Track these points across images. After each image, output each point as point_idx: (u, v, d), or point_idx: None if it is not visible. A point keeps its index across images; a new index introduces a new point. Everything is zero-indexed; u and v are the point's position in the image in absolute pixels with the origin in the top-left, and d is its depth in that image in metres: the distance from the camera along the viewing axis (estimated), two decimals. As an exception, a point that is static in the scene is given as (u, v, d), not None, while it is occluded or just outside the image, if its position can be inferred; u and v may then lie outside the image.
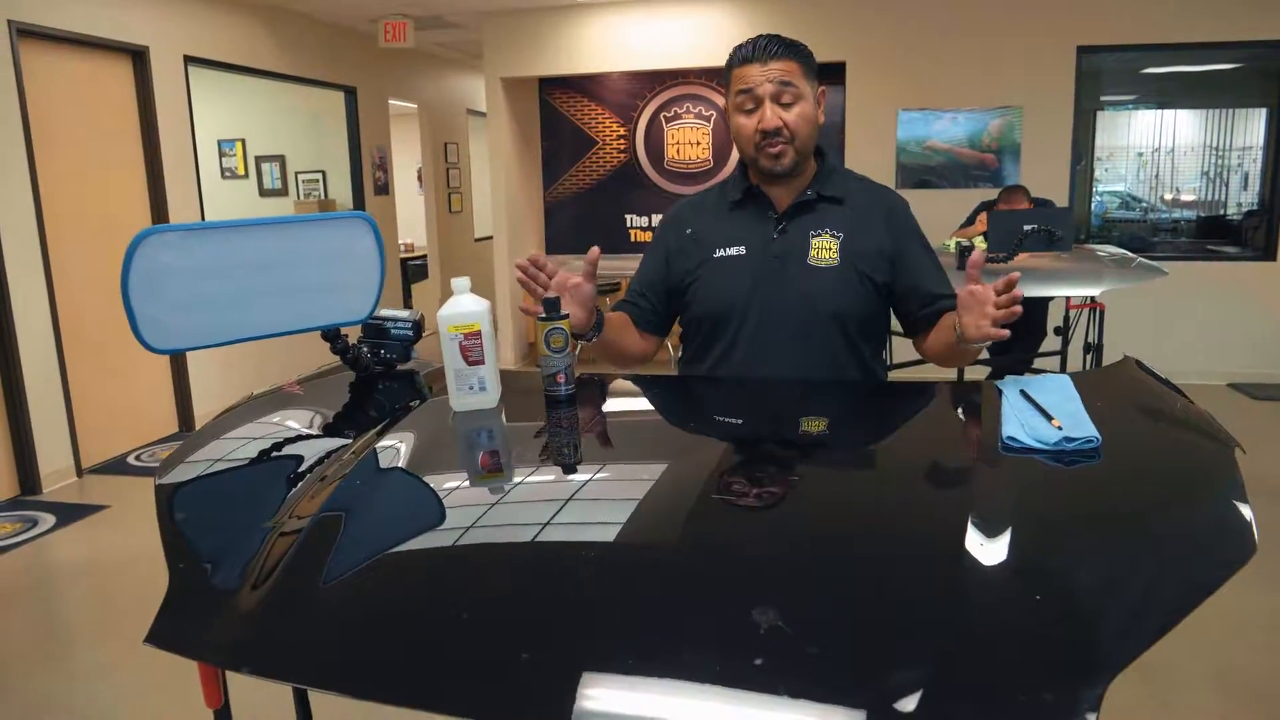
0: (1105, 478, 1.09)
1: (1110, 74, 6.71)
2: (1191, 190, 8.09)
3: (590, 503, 1.08)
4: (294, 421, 1.38)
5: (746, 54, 1.63)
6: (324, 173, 7.44)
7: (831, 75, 6.31)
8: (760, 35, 1.64)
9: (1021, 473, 1.09)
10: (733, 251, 1.68)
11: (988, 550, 0.90)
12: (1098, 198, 7.37)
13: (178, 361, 5.34)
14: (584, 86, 7.29)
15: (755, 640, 0.77)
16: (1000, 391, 1.35)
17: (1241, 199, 7.89)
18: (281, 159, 7.47)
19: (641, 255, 1.83)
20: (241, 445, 1.26)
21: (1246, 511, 0.94)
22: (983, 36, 6.00)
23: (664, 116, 7.23)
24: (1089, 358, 4.12)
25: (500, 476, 1.21)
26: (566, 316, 1.40)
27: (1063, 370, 4.28)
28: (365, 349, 1.56)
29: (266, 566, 0.96)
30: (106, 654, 2.92)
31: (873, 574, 0.91)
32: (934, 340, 1.66)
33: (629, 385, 1.67)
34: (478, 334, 1.33)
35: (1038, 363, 4.67)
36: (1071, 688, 0.75)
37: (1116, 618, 0.83)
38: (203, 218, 5.51)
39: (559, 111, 7.41)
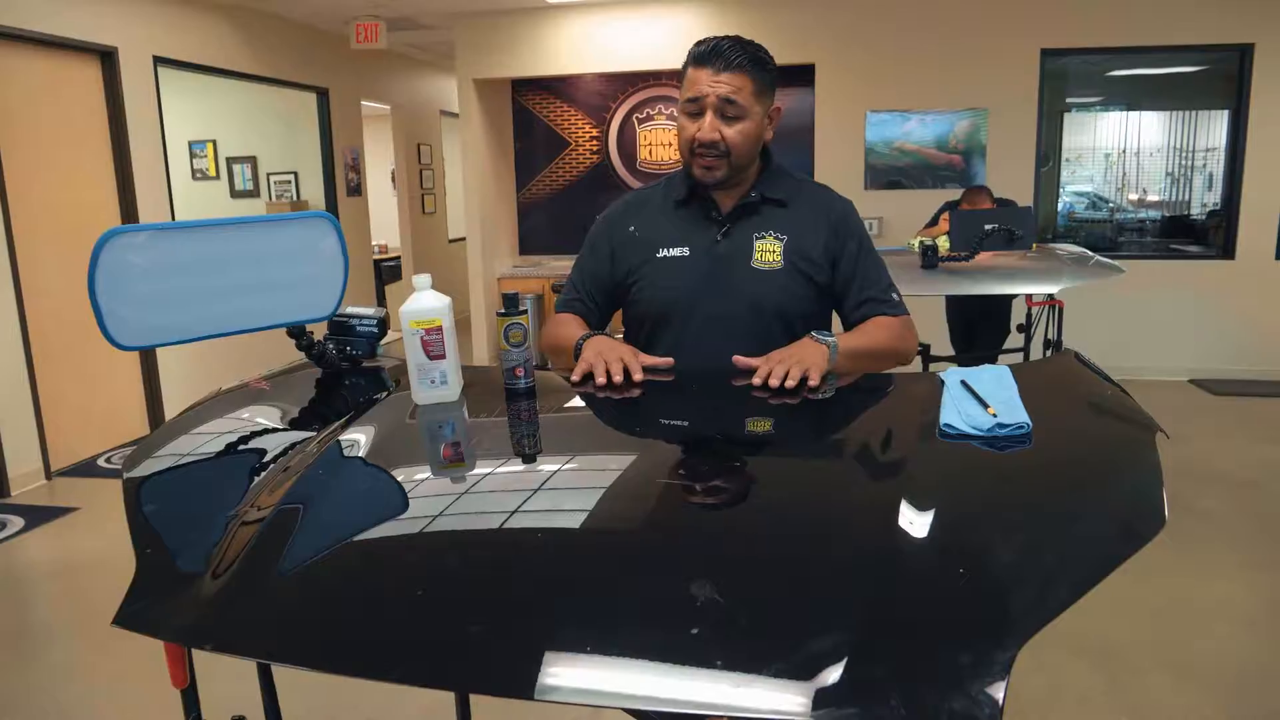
0: (1032, 461, 1.15)
1: (1077, 76, 6.84)
2: (1157, 191, 8.25)
3: (550, 491, 1.13)
4: (260, 416, 1.41)
5: (703, 55, 1.60)
6: (296, 174, 7.43)
7: (801, 77, 6.40)
8: (724, 38, 1.61)
9: (954, 457, 1.15)
10: (676, 252, 1.68)
11: (913, 527, 0.96)
12: (1066, 198, 7.50)
13: (148, 363, 5.33)
14: (556, 88, 7.34)
15: (691, 613, 0.82)
16: (943, 382, 1.41)
17: (1205, 199, 8.06)
18: (253, 160, 7.45)
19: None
20: (207, 439, 1.30)
21: (1159, 490, 1.00)
22: (949, 39, 6.10)
23: (637, 118, 7.29)
24: (1048, 354, 4.21)
25: (461, 466, 1.25)
26: (525, 312, 1.44)
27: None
28: (331, 346, 1.59)
29: (230, 552, 1.00)
30: (77, 655, 2.93)
31: (803, 551, 0.96)
32: None
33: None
34: (439, 329, 1.37)
35: (1001, 359, 4.76)
36: (986, 650, 0.80)
37: (1030, 588, 0.89)
38: (173, 220, 5.50)
39: (532, 113, 7.45)
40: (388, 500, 1.10)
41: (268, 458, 1.21)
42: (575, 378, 1.48)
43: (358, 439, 1.26)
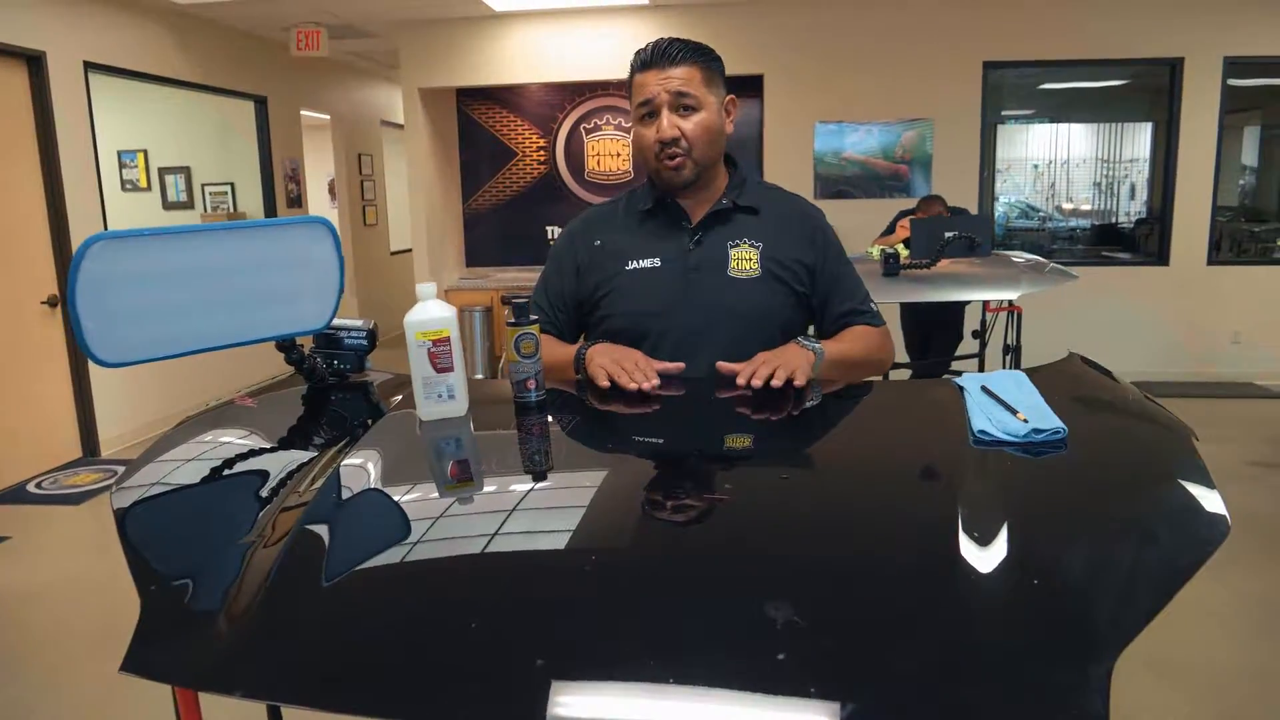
0: (1076, 468, 1.12)
1: (1010, 90, 7.01)
2: (1085, 200, 8.53)
3: (574, 510, 1.06)
4: (252, 436, 1.32)
5: (645, 59, 1.57)
6: (232, 184, 7.19)
7: (750, 88, 6.43)
8: (661, 39, 1.58)
9: (996, 465, 1.12)
10: (646, 264, 1.63)
11: (980, 542, 0.92)
12: (1000, 207, 7.70)
13: (80, 383, 5.07)
14: (503, 98, 7.25)
15: (769, 636, 0.77)
16: (961, 388, 1.39)
17: (1130, 208, 8.35)
18: (187, 170, 7.19)
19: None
20: (200, 463, 1.20)
21: (1215, 494, 0.98)
22: (895, 52, 6.19)
23: (584, 128, 7.24)
24: (1008, 359, 4.28)
25: (472, 486, 1.18)
26: (536, 321, 1.38)
27: (980, 371, 4.42)
28: (319, 360, 1.50)
29: (248, 586, 0.91)
30: (14, 694, 2.74)
31: (870, 568, 0.91)
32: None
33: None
34: (446, 340, 1.30)
35: (956, 364, 4.83)
36: (1080, 668, 0.76)
37: (1110, 598, 0.86)
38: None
39: (477, 123, 7.34)
40: (409, 527, 1.03)
41: (272, 483, 1.12)
42: (604, 384, 1.42)
43: (368, 461, 1.18)
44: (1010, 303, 4.10)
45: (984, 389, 1.38)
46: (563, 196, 7.33)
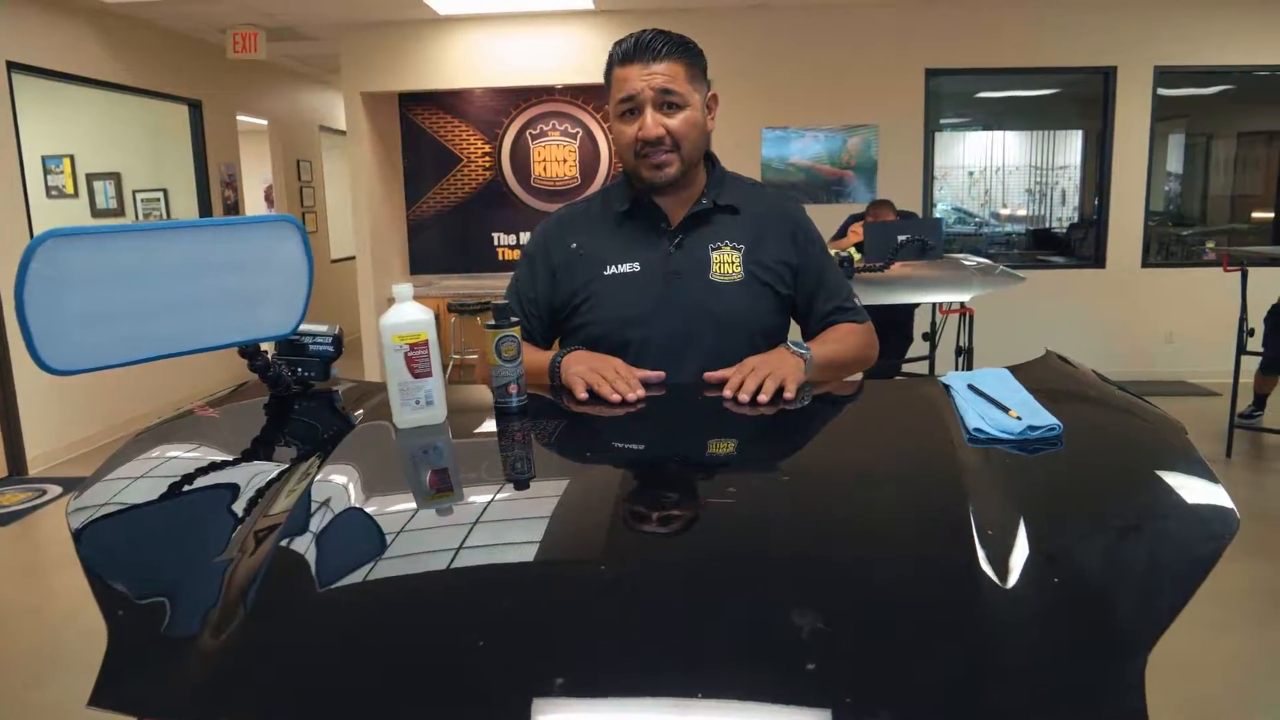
0: (1076, 465, 1.11)
1: (947, 98, 7.16)
2: (1019, 205, 8.75)
3: (570, 520, 1.01)
4: (216, 448, 1.23)
5: (627, 52, 1.49)
6: (165, 191, 6.95)
7: (697, 94, 6.43)
8: (644, 31, 1.51)
9: (998, 463, 1.10)
10: (625, 268, 1.57)
11: (999, 542, 0.89)
12: (937, 213, 7.85)
13: (5, 398, 4.83)
14: (447, 102, 7.14)
15: (801, 644, 0.73)
16: (947, 386, 1.37)
17: (1061, 213, 8.59)
18: (117, 176, 6.93)
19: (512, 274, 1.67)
20: (162, 478, 1.11)
21: (1220, 488, 0.98)
22: (841, 58, 6.26)
23: (530, 134, 7.17)
24: (960, 360, 4.33)
25: (453, 497, 1.12)
26: (518, 323, 1.32)
27: (931, 374, 4.48)
28: (284, 367, 1.42)
29: (228, 608, 0.84)
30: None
31: (891, 572, 0.88)
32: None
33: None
34: (425, 344, 1.23)
35: (907, 367, 4.88)
36: (1115, 666, 0.75)
37: (1134, 597, 0.84)
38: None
39: (421, 128, 7.22)
40: (394, 545, 0.96)
41: (243, 498, 1.05)
42: (581, 395, 1.36)
43: (346, 474, 1.11)
44: (962, 305, 4.15)
45: (971, 387, 1.37)
46: (509, 203, 7.25)
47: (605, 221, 1.63)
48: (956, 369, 4.65)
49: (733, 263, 1.57)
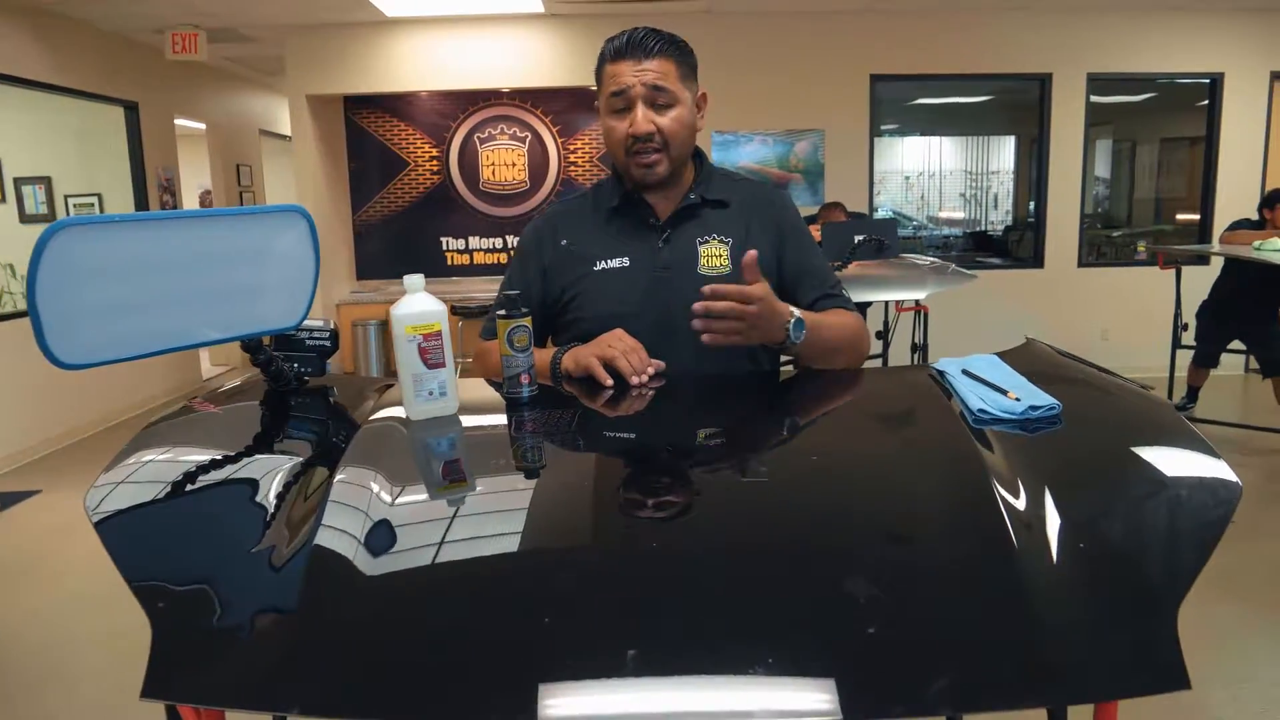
0: (1081, 441, 1.16)
1: (886, 104, 7.33)
2: (954, 209, 8.98)
3: (601, 507, 1.02)
4: (227, 441, 1.21)
5: (619, 49, 1.51)
6: (100, 196, 6.73)
7: (647, 98, 6.47)
8: (636, 29, 1.54)
9: (1008, 442, 1.13)
10: (615, 264, 1.59)
11: (1025, 513, 0.93)
12: (877, 216, 8.03)
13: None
14: (393, 106, 7.06)
15: (859, 610, 0.76)
16: (941, 372, 1.41)
17: (995, 216, 8.85)
18: (47, 181, 6.67)
19: (486, 276, 1.69)
20: (180, 472, 1.09)
21: (1219, 459, 1.03)
22: (788, 64, 6.37)
23: (478, 137, 7.13)
24: (915, 357, 4.43)
25: (463, 487, 1.12)
26: (529, 314, 1.32)
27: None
28: (282, 361, 1.40)
29: (270, 596, 0.83)
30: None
31: (928, 547, 0.92)
32: None
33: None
34: (438, 334, 1.23)
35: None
36: (1148, 625, 0.78)
37: (1158, 560, 0.89)
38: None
39: (366, 131, 7.13)
40: (429, 530, 0.96)
41: (269, 491, 1.03)
42: (606, 380, 1.37)
43: (372, 464, 1.09)
44: (917, 303, 4.25)
45: (967, 372, 1.41)
46: (457, 207, 7.20)
47: (596, 218, 1.65)
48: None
49: (720, 256, 1.59)
